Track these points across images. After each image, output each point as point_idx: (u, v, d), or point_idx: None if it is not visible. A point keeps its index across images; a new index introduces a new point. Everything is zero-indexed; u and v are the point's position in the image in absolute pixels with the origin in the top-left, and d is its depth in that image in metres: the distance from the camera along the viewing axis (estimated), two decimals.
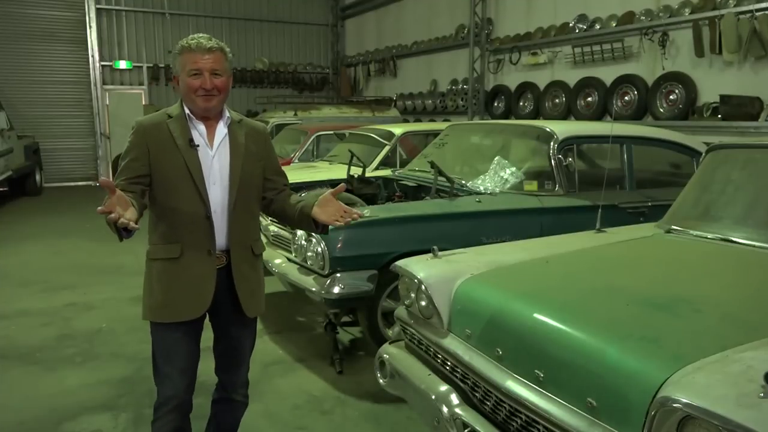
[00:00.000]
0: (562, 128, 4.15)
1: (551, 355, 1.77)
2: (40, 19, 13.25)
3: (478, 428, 1.94)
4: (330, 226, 2.18)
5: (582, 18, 8.86)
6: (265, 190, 2.28)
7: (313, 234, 3.46)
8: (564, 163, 3.96)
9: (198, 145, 2.10)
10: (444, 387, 2.14)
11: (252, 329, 2.35)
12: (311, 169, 6.11)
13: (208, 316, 2.23)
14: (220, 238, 2.13)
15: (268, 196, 2.29)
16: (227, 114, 2.19)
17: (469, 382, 2.09)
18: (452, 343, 2.19)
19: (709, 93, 7.09)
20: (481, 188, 4.00)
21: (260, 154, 2.24)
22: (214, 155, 2.13)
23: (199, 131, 2.13)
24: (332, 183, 4.98)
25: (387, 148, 6.31)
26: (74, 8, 13.52)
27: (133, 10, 13.94)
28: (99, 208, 1.72)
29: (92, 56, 13.70)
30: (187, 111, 2.12)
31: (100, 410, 3.26)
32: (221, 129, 2.16)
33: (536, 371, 1.79)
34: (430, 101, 12.06)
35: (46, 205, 10.81)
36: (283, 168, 2.40)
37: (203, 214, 2.09)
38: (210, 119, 2.15)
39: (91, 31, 13.61)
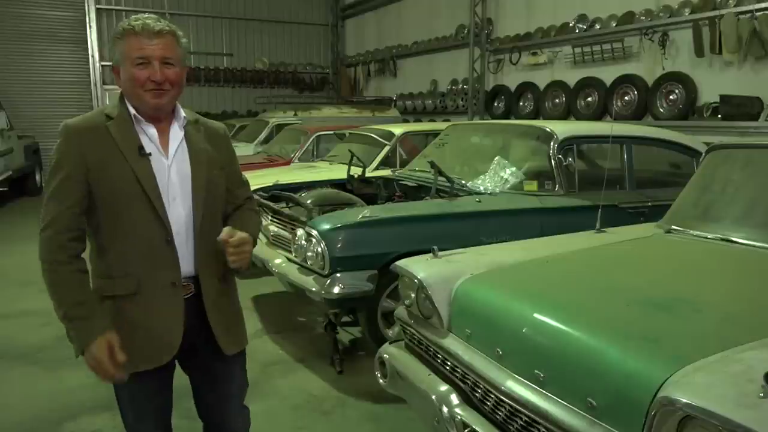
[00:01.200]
0: (562, 128, 4.15)
1: (551, 355, 1.77)
2: (40, 19, 13.26)
3: (478, 428, 1.94)
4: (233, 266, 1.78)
5: (582, 18, 8.87)
6: (225, 203, 1.91)
7: (313, 234, 3.47)
8: (564, 163, 3.96)
9: (150, 153, 1.71)
10: (444, 387, 2.14)
11: (238, 365, 1.96)
12: (311, 169, 6.11)
13: (178, 363, 1.90)
14: (186, 265, 1.77)
15: (226, 210, 1.92)
16: (181, 113, 1.81)
17: (469, 382, 2.08)
18: (452, 343, 2.18)
19: (709, 93, 7.10)
20: (481, 188, 4.00)
21: (222, 160, 1.88)
22: (171, 164, 1.75)
23: (149, 135, 1.73)
24: (332, 183, 4.99)
25: (387, 148, 6.31)
26: (74, 8, 13.55)
27: (133, 10, 13.92)
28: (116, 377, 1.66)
29: (92, 56, 13.72)
30: (132, 111, 1.72)
31: (100, 410, 3.25)
32: (176, 132, 1.79)
33: (536, 371, 1.79)
34: (430, 101, 12.06)
35: None
36: (283, 168, 2.29)
37: (163, 237, 1.71)
38: (161, 120, 1.76)
39: (91, 31, 13.63)
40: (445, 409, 2.07)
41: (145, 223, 1.69)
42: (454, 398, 2.08)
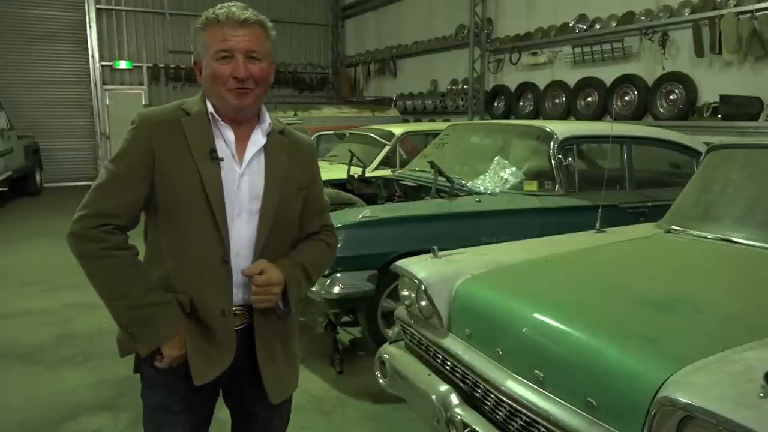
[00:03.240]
0: (562, 128, 4.15)
1: (551, 355, 1.77)
2: (40, 19, 13.26)
3: (478, 428, 1.94)
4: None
5: (582, 18, 8.87)
6: (297, 229, 1.66)
7: None
8: (564, 163, 3.96)
9: (222, 159, 1.51)
10: (444, 387, 2.14)
11: (280, 414, 1.75)
12: None
13: (222, 391, 1.70)
14: (242, 291, 1.55)
15: (298, 237, 1.68)
16: (267, 119, 1.60)
17: (469, 382, 2.09)
18: (452, 343, 2.19)
19: (709, 93, 7.09)
20: (481, 188, 4.00)
21: (303, 180, 1.63)
22: (243, 174, 1.53)
23: (225, 139, 1.53)
24: (332, 183, 4.99)
25: (387, 148, 6.31)
26: (74, 8, 13.54)
27: (133, 10, 13.94)
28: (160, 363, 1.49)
29: (92, 56, 13.72)
30: (210, 109, 1.53)
31: (100, 410, 3.26)
32: (257, 138, 1.57)
33: (536, 371, 1.79)
34: (430, 101, 12.05)
35: (46, 205, 10.80)
36: None
37: (219, 256, 1.50)
38: (242, 123, 1.56)
39: (91, 31, 13.62)
40: (445, 409, 2.07)
41: (203, 237, 1.49)
42: (454, 398, 2.08)
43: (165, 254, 1.51)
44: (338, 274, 3.44)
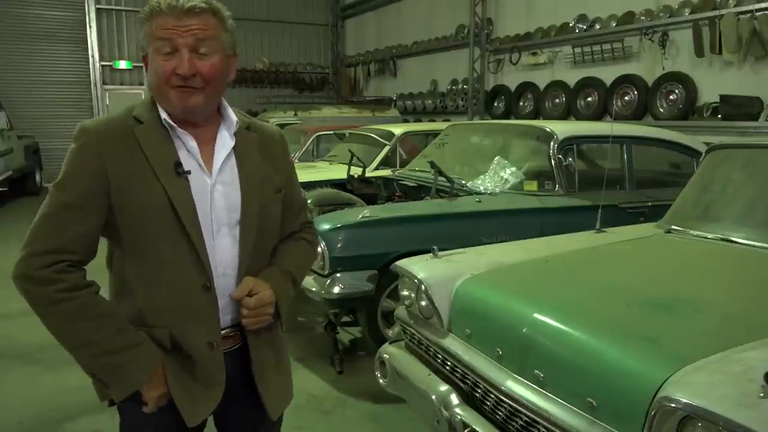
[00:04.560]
0: (562, 128, 4.15)
1: (551, 355, 1.77)
2: (40, 19, 13.26)
3: (478, 428, 1.94)
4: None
5: (582, 18, 8.86)
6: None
7: None
8: (564, 163, 3.96)
9: (189, 171, 1.31)
10: (444, 387, 2.14)
11: (276, 427, 1.64)
12: (311, 169, 6.11)
13: (213, 417, 1.50)
14: (230, 312, 1.40)
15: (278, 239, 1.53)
16: (232, 116, 1.41)
17: (469, 382, 2.09)
18: (452, 343, 2.18)
19: (709, 93, 7.09)
20: (481, 188, 4.00)
21: (279, 179, 1.46)
22: (215, 184, 1.35)
23: (188, 147, 1.34)
24: (332, 183, 5.00)
25: (387, 148, 6.31)
26: (74, 8, 13.55)
27: (133, 10, 13.92)
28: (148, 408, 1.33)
29: (92, 56, 13.72)
30: (163, 115, 1.32)
31: (100, 410, 3.25)
32: (224, 141, 1.38)
33: (536, 371, 1.79)
34: (430, 101, 12.05)
35: None
36: None
37: (200, 283, 1.32)
38: (201, 126, 1.36)
39: (91, 31, 13.63)
40: (445, 409, 2.07)
41: (179, 264, 1.30)
42: (454, 398, 2.08)
43: (135, 286, 1.31)
44: (338, 274, 3.44)
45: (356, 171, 5.07)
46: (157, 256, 1.30)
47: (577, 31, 8.88)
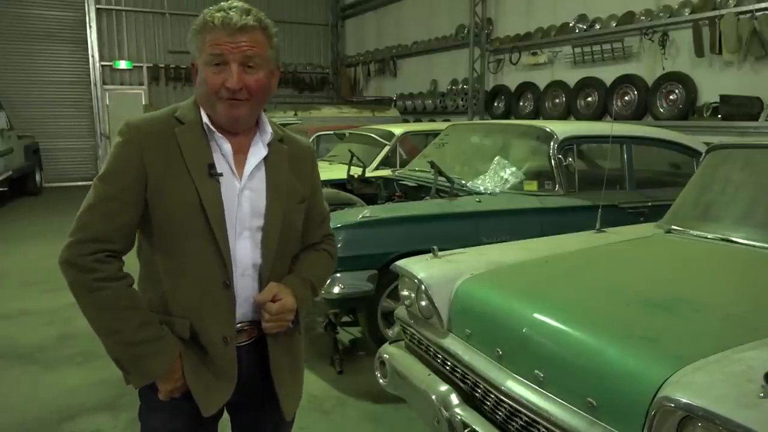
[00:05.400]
0: (562, 128, 4.15)
1: (551, 355, 1.77)
2: (40, 19, 13.26)
3: (478, 428, 1.94)
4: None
5: (582, 18, 8.87)
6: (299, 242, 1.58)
7: None
8: (564, 163, 3.96)
9: (221, 174, 1.40)
10: (444, 387, 2.14)
11: (287, 427, 1.68)
12: None
13: (227, 407, 1.57)
14: (246, 308, 1.47)
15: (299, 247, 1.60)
16: (268, 128, 1.48)
17: (469, 382, 2.09)
18: (452, 343, 2.19)
19: (709, 93, 7.10)
20: (481, 188, 4.00)
21: (304, 191, 1.54)
22: (243, 189, 1.43)
23: (223, 151, 1.42)
24: (332, 183, 5.00)
25: (387, 148, 6.32)
26: (74, 8, 13.54)
27: (133, 10, 13.95)
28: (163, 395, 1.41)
29: (92, 56, 13.72)
30: (205, 119, 1.41)
31: (100, 410, 3.26)
32: (258, 150, 1.46)
33: (536, 371, 1.79)
34: (430, 101, 12.05)
35: (46, 205, 10.80)
36: None
37: (220, 280, 1.40)
38: (239, 133, 1.45)
39: (91, 31, 13.62)
40: (445, 409, 2.07)
41: (203, 261, 1.38)
42: (454, 398, 2.08)
43: (161, 276, 1.40)
44: (338, 274, 3.44)
45: (356, 171, 5.07)
46: (183, 252, 1.38)
47: (577, 31, 8.88)
